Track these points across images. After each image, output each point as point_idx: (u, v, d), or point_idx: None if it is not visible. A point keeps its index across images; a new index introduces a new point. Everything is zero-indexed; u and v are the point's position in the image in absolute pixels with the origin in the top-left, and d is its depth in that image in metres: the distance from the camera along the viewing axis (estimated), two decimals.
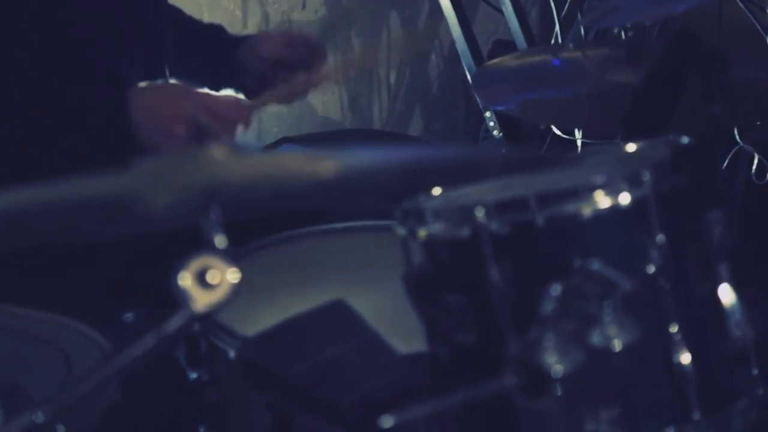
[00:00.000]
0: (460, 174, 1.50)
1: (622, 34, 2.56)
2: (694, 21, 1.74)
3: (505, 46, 3.40)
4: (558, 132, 2.99)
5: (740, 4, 2.96)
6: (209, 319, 1.31)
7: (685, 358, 1.41)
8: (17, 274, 1.79)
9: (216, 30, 2.35)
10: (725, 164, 2.58)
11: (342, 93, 3.51)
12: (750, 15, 2.98)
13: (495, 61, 2.14)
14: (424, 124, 3.69)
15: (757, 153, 2.92)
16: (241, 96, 2.19)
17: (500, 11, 3.35)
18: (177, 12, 2.22)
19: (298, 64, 2.15)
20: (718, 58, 1.62)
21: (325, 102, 3.48)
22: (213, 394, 1.60)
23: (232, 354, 1.61)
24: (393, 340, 1.51)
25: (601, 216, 1.41)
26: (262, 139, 3.32)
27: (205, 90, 1.99)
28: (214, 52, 2.26)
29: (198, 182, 1.27)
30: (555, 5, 3.09)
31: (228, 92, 2.21)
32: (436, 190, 1.54)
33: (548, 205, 1.40)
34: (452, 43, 3.51)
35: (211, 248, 1.27)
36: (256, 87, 2.19)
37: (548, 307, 1.35)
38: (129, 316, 1.73)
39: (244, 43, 2.23)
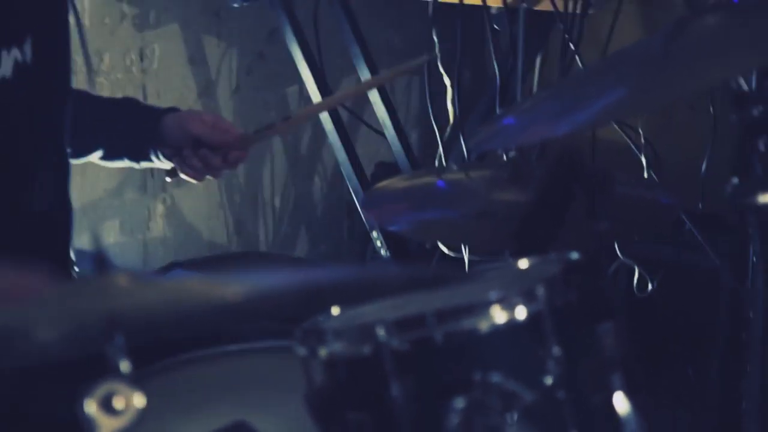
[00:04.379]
0: (358, 293, 1.52)
1: (504, 155, 2.63)
2: (571, 142, 1.80)
3: (388, 168, 3.46)
4: (445, 250, 3.04)
5: (615, 125, 3.06)
6: None
7: None
8: None
9: (131, 101, 2.42)
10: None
11: (227, 216, 3.53)
12: (624, 135, 3.09)
13: (383, 183, 2.17)
14: (309, 246, 3.72)
15: (637, 266, 3.00)
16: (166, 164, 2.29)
17: (381, 134, 3.42)
18: (81, 92, 2.24)
19: (219, 147, 2.22)
20: (601, 177, 1.68)
21: (211, 226, 3.49)
22: None
23: None
24: None
25: (499, 330, 1.43)
26: (148, 263, 3.31)
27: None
28: (132, 120, 2.31)
29: (101, 309, 1.27)
30: (437, 128, 3.16)
31: (149, 160, 2.30)
32: (335, 310, 1.56)
33: (446, 321, 1.43)
34: (335, 165, 3.57)
35: (116, 374, 1.26)
36: (172, 158, 2.27)
37: (452, 420, 1.37)
38: None
39: (169, 114, 2.29)
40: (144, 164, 2.31)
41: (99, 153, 2.30)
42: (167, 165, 2.31)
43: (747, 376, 2.37)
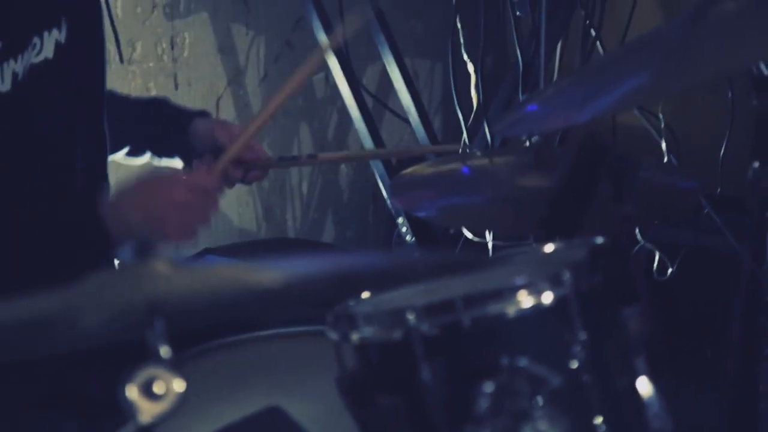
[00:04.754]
0: (389, 279, 1.53)
1: (527, 141, 2.63)
2: (595, 128, 1.80)
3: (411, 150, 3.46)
4: (470, 235, 3.05)
5: (635, 110, 3.06)
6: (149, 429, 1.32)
7: None
8: None
9: (161, 102, 2.41)
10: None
11: (256, 204, 3.54)
12: (645, 120, 3.09)
13: (410, 169, 2.18)
14: (336, 231, 3.73)
15: (658, 250, 3.00)
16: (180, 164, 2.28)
17: (406, 120, 3.42)
18: (112, 93, 2.26)
19: (242, 163, 2.20)
20: (627, 162, 1.68)
21: (241, 213, 3.51)
22: None
23: None
24: None
25: (525, 315, 1.44)
26: (180, 250, 3.33)
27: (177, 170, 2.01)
28: (160, 125, 2.30)
29: (142, 296, 1.29)
30: (461, 114, 3.17)
31: (172, 161, 2.29)
32: (366, 295, 1.57)
33: (474, 306, 1.43)
34: None
35: (156, 359, 1.28)
36: (191, 162, 2.25)
37: (481, 404, 1.38)
38: (68, 428, 1.72)
39: (199, 120, 2.28)
40: (165, 161, 2.33)
41: (124, 151, 2.32)
42: (179, 164, 2.32)
43: (765, 359, 2.38)
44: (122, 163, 2.34)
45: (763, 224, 2.61)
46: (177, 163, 2.31)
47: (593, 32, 3.07)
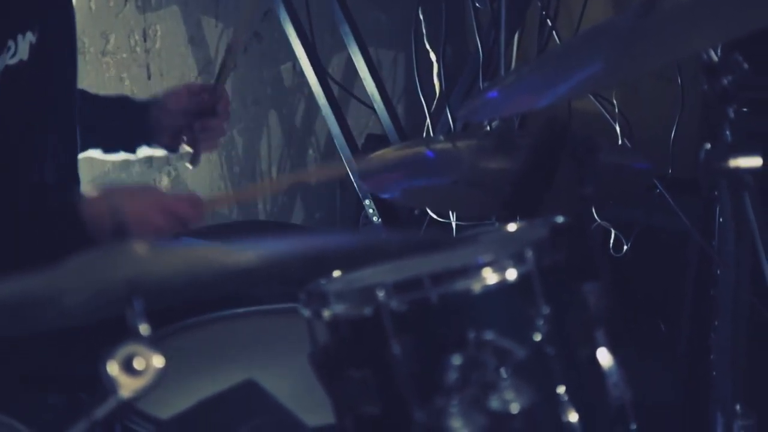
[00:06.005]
0: (359, 258, 1.52)
1: (487, 126, 2.63)
2: (556, 113, 1.80)
3: (378, 139, 3.45)
4: (434, 215, 3.04)
5: (590, 96, 3.07)
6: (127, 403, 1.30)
7: (573, 416, 1.44)
8: None
9: (123, 99, 2.42)
10: None
11: (228, 187, 3.52)
12: (599, 105, 3.10)
13: (377, 153, 2.17)
14: (305, 213, 3.71)
15: (613, 229, 3.02)
16: (160, 151, 2.29)
17: (371, 107, 3.41)
18: (83, 92, 2.24)
19: (205, 110, 2.22)
20: (587, 145, 1.68)
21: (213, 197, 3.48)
22: None
23: None
24: (302, 415, 1.52)
25: (491, 291, 1.44)
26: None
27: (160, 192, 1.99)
28: (124, 117, 2.29)
29: (122, 276, 1.27)
30: (424, 101, 3.16)
31: (144, 150, 2.29)
32: (337, 273, 1.56)
33: (441, 283, 1.43)
34: (328, 137, 3.57)
35: (136, 336, 1.26)
36: (174, 141, 2.26)
37: (450, 376, 1.38)
38: (48, 404, 1.70)
39: (153, 104, 2.29)
40: (141, 154, 2.31)
41: (98, 150, 2.30)
42: (161, 152, 2.32)
43: (715, 329, 2.39)
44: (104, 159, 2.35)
45: (711, 204, 2.62)
46: (156, 153, 2.30)
47: (549, 22, 3.07)
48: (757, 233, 1.77)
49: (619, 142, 3.06)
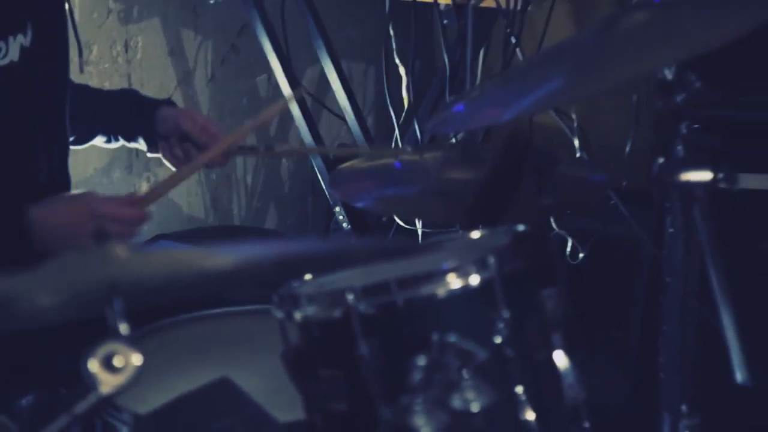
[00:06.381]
0: (330, 262, 1.53)
1: (454, 138, 2.64)
2: (519, 126, 1.81)
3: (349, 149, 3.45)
4: (401, 223, 3.05)
5: (551, 111, 3.08)
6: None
7: (530, 415, 1.46)
8: None
9: (131, 92, 2.45)
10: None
11: (204, 193, 3.51)
12: (559, 120, 3.11)
13: (347, 163, 2.18)
14: (278, 219, 3.71)
15: (571, 237, 3.03)
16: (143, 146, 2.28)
17: (342, 118, 3.42)
18: (85, 87, 2.27)
19: (202, 147, 2.21)
20: (548, 158, 1.69)
21: (190, 202, 3.48)
22: None
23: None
24: (274, 412, 1.52)
25: (454, 295, 1.45)
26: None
27: (100, 197, 1.97)
28: (130, 108, 2.31)
29: (103, 277, 1.27)
30: (394, 113, 3.17)
31: (141, 142, 2.29)
32: (308, 277, 1.57)
33: (407, 287, 1.44)
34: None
35: (116, 335, 1.27)
36: (158, 143, 2.27)
37: (414, 376, 1.39)
38: (29, 399, 1.69)
39: (166, 106, 2.31)
40: (133, 144, 2.32)
41: (102, 138, 2.31)
42: (144, 148, 2.32)
43: (664, 334, 2.40)
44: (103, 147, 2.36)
45: (663, 215, 2.64)
46: (142, 146, 2.31)
47: (513, 40, 3.09)
48: (706, 243, 1.79)
49: (578, 155, 3.07)
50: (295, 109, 3.24)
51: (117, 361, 1.26)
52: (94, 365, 1.25)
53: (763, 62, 2.43)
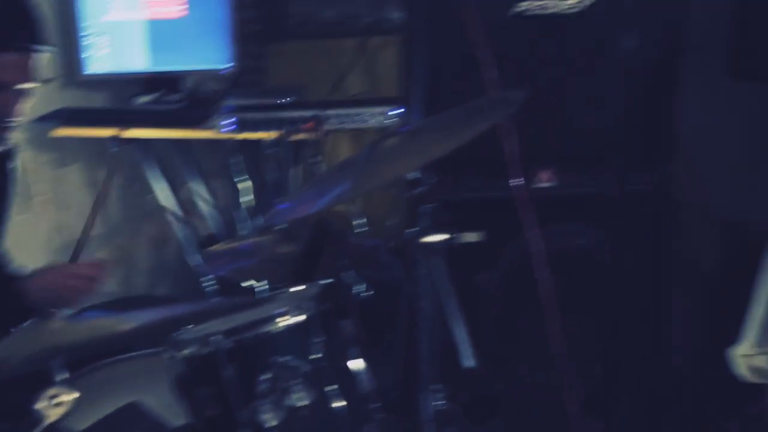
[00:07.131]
0: (202, 316, 1.52)
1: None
2: (321, 215, 1.85)
3: (211, 238, 3.38)
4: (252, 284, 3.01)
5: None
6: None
7: (341, 403, 1.48)
8: None
9: None
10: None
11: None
12: (348, 206, 3.16)
13: (215, 246, 2.17)
14: (164, 289, 3.57)
15: (358, 284, 3.04)
16: None
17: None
18: None
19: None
20: (340, 235, 1.74)
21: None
22: None
23: None
24: (169, 420, 1.49)
25: (287, 330, 1.47)
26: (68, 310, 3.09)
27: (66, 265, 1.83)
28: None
29: (47, 342, 1.24)
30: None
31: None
32: (188, 327, 1.55)
33: (255, 327, 1.46)
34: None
35: (57, 380, 1.23)
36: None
37: (262, 387, 1.39)
38: None
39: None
40: None
41: None
42: None
43: (419, 338, 2.46)
44: None
45: (414, 263, 2.71)
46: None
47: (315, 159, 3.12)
48: (442, 281, 1.88)
49: (358, 230, 3.13)
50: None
51: (59, 399, 1.22)
52: (42, 403, 1.21)
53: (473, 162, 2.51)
